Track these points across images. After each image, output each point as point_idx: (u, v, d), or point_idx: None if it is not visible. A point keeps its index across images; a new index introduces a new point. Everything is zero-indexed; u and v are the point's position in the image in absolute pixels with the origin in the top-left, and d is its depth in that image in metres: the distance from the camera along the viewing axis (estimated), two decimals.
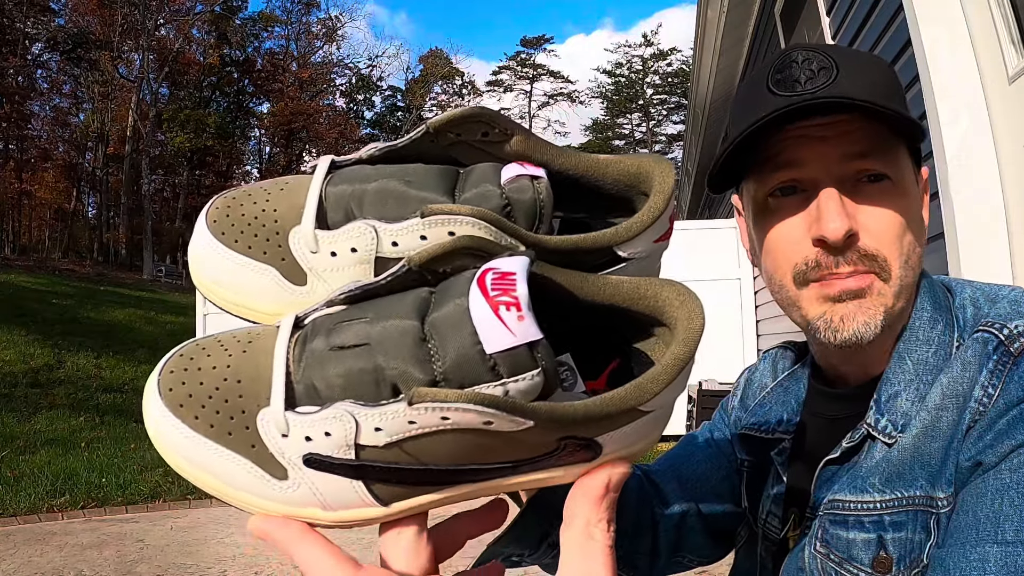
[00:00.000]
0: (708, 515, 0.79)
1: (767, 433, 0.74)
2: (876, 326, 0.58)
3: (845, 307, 0.59)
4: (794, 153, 0.59)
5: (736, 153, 0.61)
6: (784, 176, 0.61)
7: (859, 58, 0.61)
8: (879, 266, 0.58)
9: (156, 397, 0.33)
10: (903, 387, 0.59)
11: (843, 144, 0.58)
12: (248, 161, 44.37)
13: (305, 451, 0.31)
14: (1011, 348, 0.53)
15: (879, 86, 0.58)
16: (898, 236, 0.59)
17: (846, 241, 0.57)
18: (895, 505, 0.56)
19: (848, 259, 0.58)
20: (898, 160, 0.60)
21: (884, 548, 0.56)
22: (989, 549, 0.47)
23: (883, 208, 0.58)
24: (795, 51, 0.60)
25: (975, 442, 0.52)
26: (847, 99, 0.55)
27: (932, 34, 2.02)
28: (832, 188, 0.58)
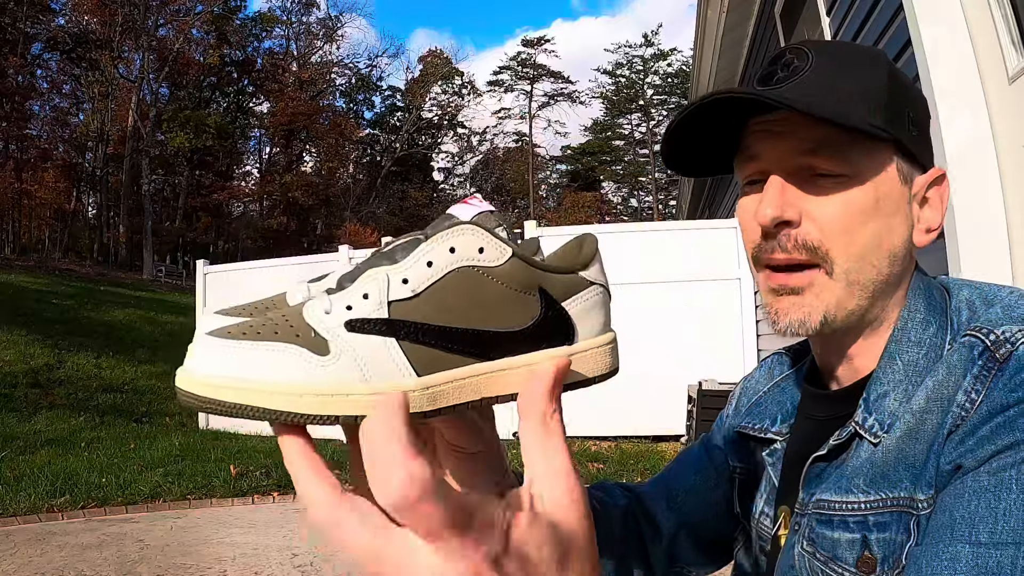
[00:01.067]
0: (700, 528, 0.80)
1: (761, 432, 0.75)
2: (814, 324, 0.60)
3: (781, 302, 0.61)
4: (756, 147, 0.63)
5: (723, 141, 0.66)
6: (750, 168, 0.64)
7: (847, 58, 0.62)
8: (820, 257, 0.60)
9: (203, 336, 0.37)
10: (891, 387, 0.60)
11: (793, 140, 0.60)
12: (248, 161, 44.40)
13: (346, 318, 0.37)
14: (996, 354, 0.53)
15: (854, 89, 0.59)
16: (846, 230, 0.59)
17: (777, 227, 0.60)
18: (879, 506, 0.57)
19: (783, 245, 0.60)
20: (856, 155, 0.60)
21: (868, 548, 0.57)
22: (961, 549, 0.47)
23: (832, 200, 0.60)
24: (789, 47, 0.63)
25: (956, 446, 0.52)
26: (772, 100, 0.57)
27: (932, 34, 2.02)
28: (776, 177, 0.61)
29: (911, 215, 0.63)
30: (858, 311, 0.61)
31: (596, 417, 6.71)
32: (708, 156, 0.68)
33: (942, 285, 0.65)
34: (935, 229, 0.64)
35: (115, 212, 36.41)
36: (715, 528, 0.80)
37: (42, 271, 21.66)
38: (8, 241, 30.86)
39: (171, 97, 38.35)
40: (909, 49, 2.17)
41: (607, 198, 50.43)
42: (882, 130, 0.58)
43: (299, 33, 44.54)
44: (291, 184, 39.58)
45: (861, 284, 0.60)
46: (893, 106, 0.60)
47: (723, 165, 0.69)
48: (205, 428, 8.07)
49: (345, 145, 43.98)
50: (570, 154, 50.68)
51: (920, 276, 0.65)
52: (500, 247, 0.38)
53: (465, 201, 0.43)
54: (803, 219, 0.60)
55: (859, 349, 0.64)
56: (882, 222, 0.60)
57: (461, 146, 51.51)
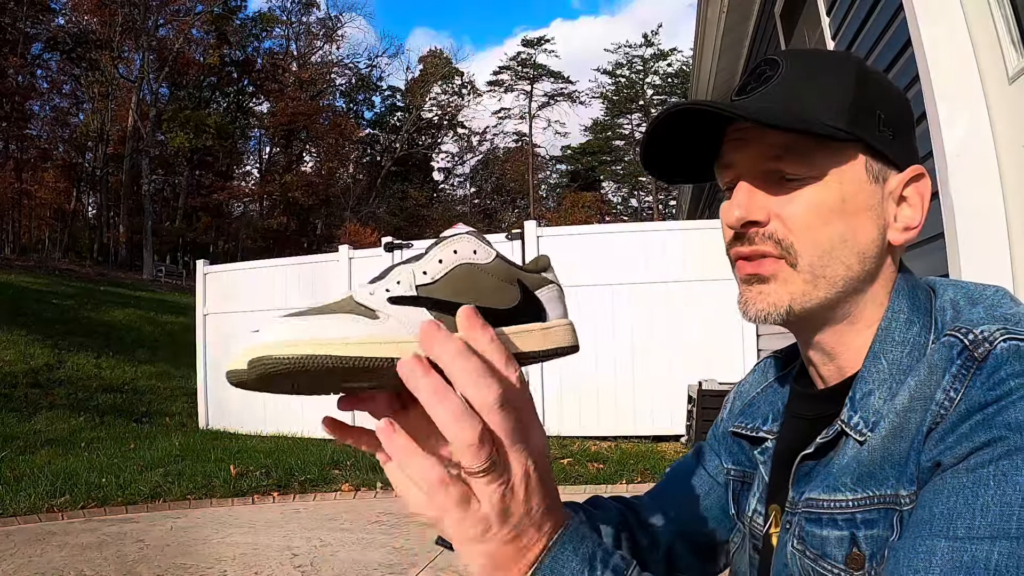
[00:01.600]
0: (696, 535, 0.82)
1: (752, 431, 0.77)
2: (779, 313, 0.63)
3: (750, 291, 0.65)
4: (729, 155, 0.66)
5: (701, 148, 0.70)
6: (727, 175, 0.67)
7: (817, 66, 0.65)
8: (784, 249, 0.62)
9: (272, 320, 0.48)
10: (876, 386, 0.61)
11: (761, 146, 0.63)
12: (248, 161, 44.40)
13: (387, 295, 0.50)
14: (975, 353, 0.54)
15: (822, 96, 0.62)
16: (811, 227, 0.62)
17: (744, 227, 0.64)
18: (867, 503, 0.58)
19: (752, 240, 0.64)
20: (821, 158, 0.62)
21: (857, 545, 0.58)
22: (938, 543, 0.48)
23: (798, 200, 0.62)
24: (770, 56, 0.66)
25: (936, 444, 0.53)
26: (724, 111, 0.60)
27: (932, 34, 2.02)
28: (743, 182, 0.64)
29: (884, 214, 0.64)
30: (827, 304, 0.63)
31: (596, 417, 6.71)
32: (690, 163, 0.71)
33: (928, 285, 0.67)
34: (914, 227, 0.65)
35: (115, 212, 36.40)
36: (711, 533, 0.82)
37: (42, 271, 21.66)
38: (8, 241, 30.85)
39: (171, 97, 38.36)
40: (909, 49, 2.17)
41: (607, 198, 50.43)
42: (844, 132, 0.61)
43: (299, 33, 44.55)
44: (291, 184, 39.58)
45: (828, 278, 0.62)
46: (859, 108, 0.62)
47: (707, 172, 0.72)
48: (205, 428, 8.08)
49: (345, 145, 43.99)
50: (570, 154, 50.68)
51: (905, 276, 0.66)
52: (488, 250, 0.53)
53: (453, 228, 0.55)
54: (771, 219, 0.63)
55: (841, 347, 0.66)
56: (849, 220, 0.62)
57: (461, 146, 51.54)
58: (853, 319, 0.65)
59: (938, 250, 2.05)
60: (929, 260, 2.17)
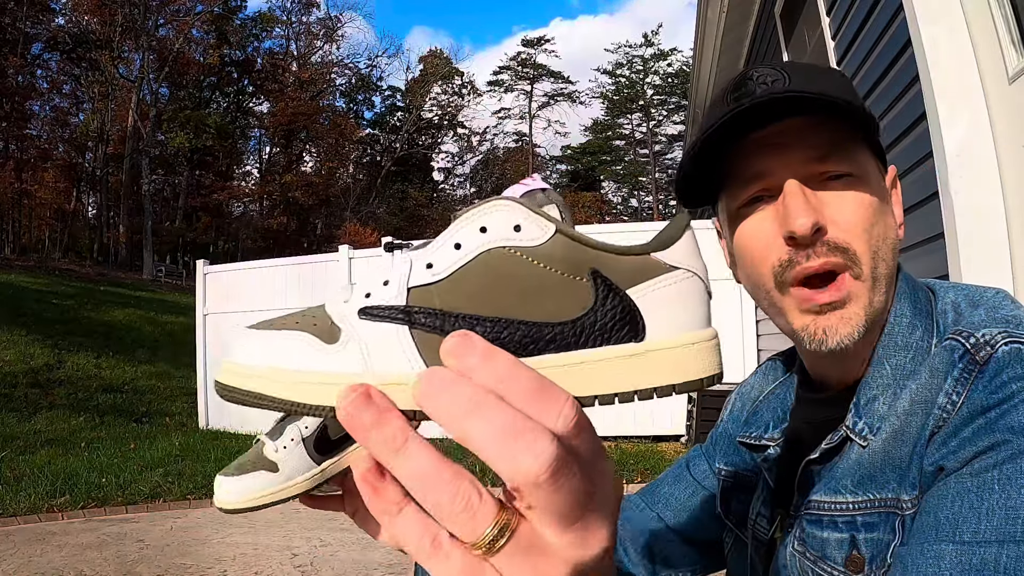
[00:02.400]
0: (681, 530, 0.83)
1: (756, 439, 0.76)
2: (859, 332, 0.60)
3: (827, 319, 0.60)
4: (759, 165, 0.61)
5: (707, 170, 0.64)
6: (753, 189, 0.63)
7: (813, 69, 0.63)
8: (850, 259, 0.60)
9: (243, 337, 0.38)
10: (880, 391, 0.60)
11: (803, 148, 0.60)
12: (248, 161, 44.39)
13: (361, 306, 0.35)
14: (977, 356, 0.53)
15: (831, 90, 0.59)
16: (866, 228, 0.60)
17: (814, 235, 0.59)
18: (867, 506, 0.58)
19: (818, 251, 0.60)
20: (859, 157, 0.61)
21: (857, 548, 0.57)
22: (945, 548, 0.48)
23: (849, 201, 0.60)
24: (751, 70, 0.63)
25: (938, 448, 0.53)
26: (796, 92, 0.56)
27: (932, 34, 2.01)
28: (794, 182, 0.60)
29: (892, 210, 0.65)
30: (882, 308, 0.62)
31: (596, 417, 6.69)
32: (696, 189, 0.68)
33: (928, 287, 0.66)
34: (901, 224, 0.66)
35: (115, 212, 36.39)
36: (697, 529, 0.82)
37: (42, 271, 21.65)
38: (8, 241, 30.85)
39: (171, 97, 38.34)
40: (909, 49, 2.17)
41: (607, 198, 50.40)
42: (876, 126, 0.61)
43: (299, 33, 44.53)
44: (291, 184, 39.56)
45: (880, 280, 0.61)
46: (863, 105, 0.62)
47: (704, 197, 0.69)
48: (205, 428, 8.07)
49: (345, 145, 43.96)
50: (570, 154, 50.66)
51: (906, 279, 0.66)
52: (542, 223, 0.33)
53: (521, 182, 0.38)
54: (827, 224, 0.60)
55: (856, 354, 0.64)
56: (884, 219, 0.62)
57: (461, 146, 51.52)
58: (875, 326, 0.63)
59: (938, 250, 2.04)
60: (929, 260, 2.17)
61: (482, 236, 0.33)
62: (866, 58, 2.67)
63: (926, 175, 2.13)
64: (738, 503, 0.77)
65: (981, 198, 1.91)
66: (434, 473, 0.29)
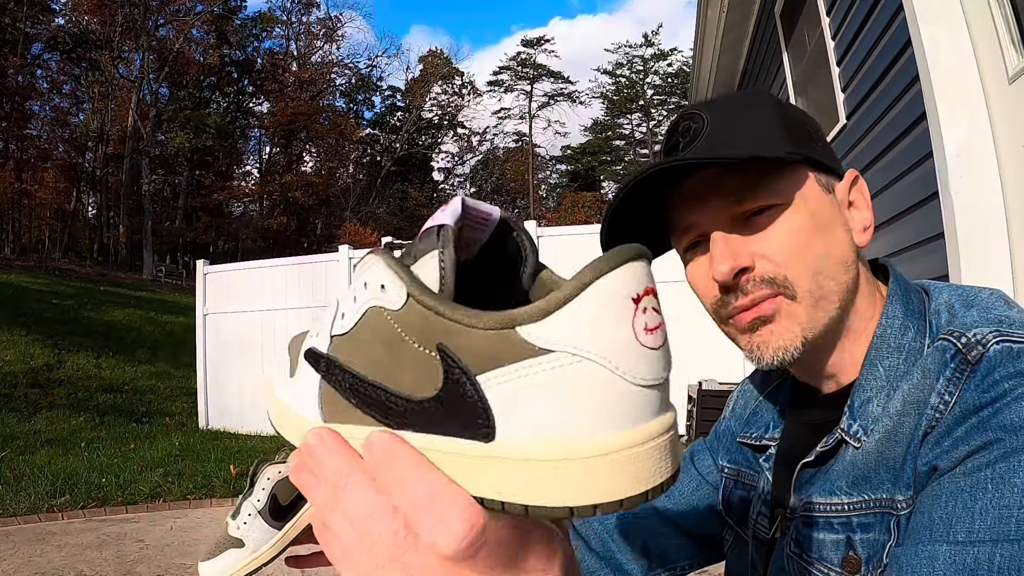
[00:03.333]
0: (681, 524, 0.83)
1: (756, 440, 0.77)
2: (796, 347, 0.61)
3: (760, 335, 0.63)
4: (686, 217, 0.65)
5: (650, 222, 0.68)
6: (689, 238, 0.66)
7: (738, 104, 0.66)
8: (780, 286, 0.61)
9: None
10: (874, 393, 0.61)
11: (720, 195, 0.63)
12: (248, 161, 44.38)
13: (307, 346, 0.35)
14: (968, 356, 0.54)
15: (753, 127, 0.62)
16: (797, 252, 0.61)
17: (736, 278, 0.62)
18: (862, 507, 0.58)
19: (745, 290, 0.62)
20: (783, 184, 0.62)
21: (853, 549, 0.58)
22: (939, 548, 0.48)
23: (774, 232, 0.62)
24: (680, 116, 0.66)
25: (932, 448, 0.53)
26: (690, 160, 0.59)
27: (932, 34, 2.02)
28: (718, 233, 0.63)
29: (846, 221, 0.65)
30: (831, 323, 0.63)
31: None
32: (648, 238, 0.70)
33: (922, 288, 0.67)
34: (870, 225, 0.66)
35: (115, 212, 36.38)
36: (698, 524, 0.83)
37: (42, 271, 21.65)
38: (8, 241, 30.84)
39: (171, 97, 38.32)
40: (909, 49, 2.17)
41: (607, 198, 50.37)
42: (793, 152, 0.61)
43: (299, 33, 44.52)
44: (291, 184, 39.56)
45: (826, 298, 0.62)
46: (791, 129, 0.63)
47: (661, 247, 0.71)
48: (205, 428, 8.07)
49: (345, 145, 43.95)
50: (570, 154, 50.65)
51: (898, 280, 0.66)
52: (398, 284, 0.28)
53: (441, 209, 0.31)
54: (755, 261, 0.62)
55: (838, 360, 0.65)
56: (824, 236, 0.62)
57: (461, 146, 51.51)
58: (851, 331, 0.64)
59: (938, 250, 2.05)
60: (929, 260, 2.17)
61: (365, 292, 0.30)
62: (866, 58, 2.67)
63: (926, 175, 2.13)
64: (739, 501, 0.78)
65: (981, 198, 1.91)
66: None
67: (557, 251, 6.64)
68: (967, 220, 1.91)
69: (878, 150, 2.60)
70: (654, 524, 0.83)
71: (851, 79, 2.89)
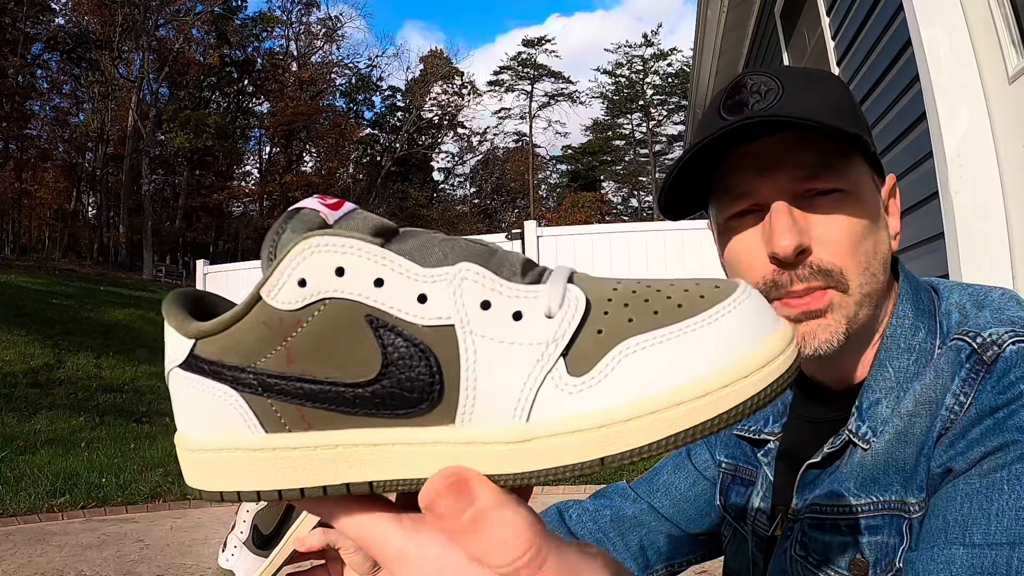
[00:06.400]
0: (679, 520, 0.82)
1: (755, 434, 0.75)
2: (838, 341, 0.59)
3: (806, 327, 0.60)
4: (748, 183, 0.61)
5: (696, 180, 0.64)
6: (742, 204, 0.63)
7: (809, 77, 0.62)
8: (835, 280, 0.59)
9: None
10: (883, 394, 0.60)
11: (791, 166, 0.59)
12: (248, 161, 44.38)
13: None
14: (984, 356, 0.53)
15: (827, 104, 0.59)
16: (854, 246, 0.59)
17: (798, 256, 0.59)
18: (871, 509, 0.57)
19: (801, 275, 0.59)
20: (850, 172, 0.60)
21: (860, 552, 0.57)
22: (956, 551, 0.47)
23: (837, 220, 0.59)
24: (747, 75, 0.62)
25: (946, 449, 0.52)
26: (783, 117, 0.56)
27: (932, 34, 2.01)
28: (782, 204, 0.59)
29: (887, 222, 0.64)
30: (869, 320, 0.61)
31: None
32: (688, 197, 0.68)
33: (931, 286, 0.66)
34: (898, 233, 0.66)
35: (115, 212, 36.38)
36: (697, 522, 0.82)
37: (42, 271, 21.64)
38: (8, 241, 30.84)
39: (171, 97, 38.32)
40: (909, 49, 2.17)
41: (607, 198, 50.39)
42: (867, 140, 0.59)
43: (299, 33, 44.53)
44: (291, 184, 39.54)
45: (870, 294, 0.60)
46: (858, 117, 0.61)
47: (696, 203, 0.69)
48: None
49: (345, 145, 43.95)
50: (570, 154, 50.65)
51: (908, 279, 0.65)
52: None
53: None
54: (813, 244, 0.59)
55: (851, 359, 0.64)
56: (876, 233, 0.61)
57: (461, 146, 51.51)
58: (865, 333, 0.63)
59: (938, 250, 2.05)
60: (929, 260, 2.17)
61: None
62: (866, 58, 2.67)
63: (926, 175, 2.13)
64: (737, 496, 0.77)
65: (981, 198, 1.91)
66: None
67: (557, 251, 6.64)
68: (967, 220, 1.91)
69: (878, 150, 2.60)
70: (651, 521, 0.82)
71: (851, 79, 2.89)
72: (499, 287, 0.28)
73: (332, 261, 0.28)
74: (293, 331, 0.29)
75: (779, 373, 0.27)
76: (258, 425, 0.30)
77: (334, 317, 0.28)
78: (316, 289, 0.28)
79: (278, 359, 0.29)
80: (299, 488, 0.30)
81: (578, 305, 0.28)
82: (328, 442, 0.29)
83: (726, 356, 0.27)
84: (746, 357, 0.27)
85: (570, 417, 0.27)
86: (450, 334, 0.28)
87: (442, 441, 0.29)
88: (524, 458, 0.28)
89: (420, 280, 0.28)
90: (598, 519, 0.82)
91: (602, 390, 0.27)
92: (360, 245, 0.29)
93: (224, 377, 0.30)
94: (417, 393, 0.28)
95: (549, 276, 0.29)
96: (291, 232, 0.30)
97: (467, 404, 0.28)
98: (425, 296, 0.28)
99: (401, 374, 0.28)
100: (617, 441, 0.27)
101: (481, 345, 0.28)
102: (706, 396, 0.26)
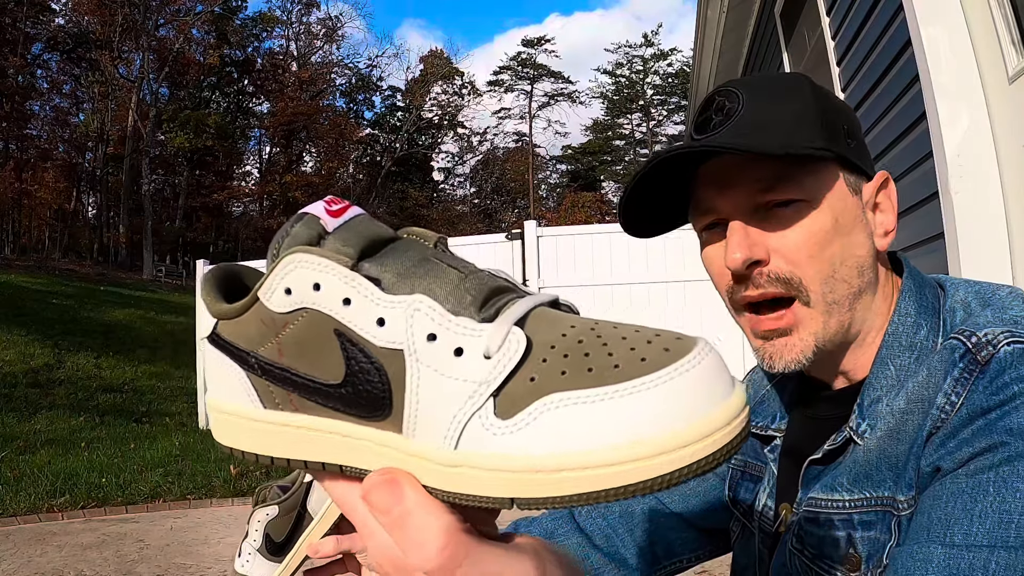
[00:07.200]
0: (688, 516, 0.82)
1: (763, 430, 0.76)
2: (806, 359, 0.61)
3: (773, 346, 0.62)
4: (708, 199, 0.64)
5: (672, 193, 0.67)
6: (707, 219, 0.66)
7: (776, 89, 0.64)
8: (794, 288, 0.61)
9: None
10: (884, 392, 0.60)
11: (747, 182, 0.61)
12: (248, 161, 44.39)
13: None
14: (978, 356, 0.53)
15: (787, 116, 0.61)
16: (813, 254, 0.60)
17: (748, 269, 0.61)
18: (863, 505, 0.57)
19: (756, 283, 0.61)
20: (810, 181, 0.61)
21: (853, 546, 0.57)
22: (935, 550, 0.47)
23: (794, 230, 0.61)
24: (716, 91, 0.65)
25: (936, 448, 0.52)
26: (718, 148, 0.58)
27: (932, 34, 2.02)
28: (737, 221, 0.62)
29: (868, 223, 0.64)
30: (843, 327, 0.62)
31: None
32: (662, 214, 0.70)
33: (938, 283, 0.65)
34: (892, 230, 0.65)
35: (115, 212, 36.38)
36: (706, 518, 0.82)
37: (42, 271, 21.65)
38: (8, 241, 30.84)
39: (171, 97, 38.31)
40: (909, 49, 2.17)
41: (607, 198, 50.38)
42: (825, 150, 0.60)
43: (299, 33, 44.52)
44: (291, 184, 39.54)
45: (838, 302, 0.61)
46: (827, 124, 0.61)
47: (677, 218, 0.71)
48: (205, 428, 8.07)
49: (345, 145, 43.93)
50: (570, 154, 50.65)
51: (912, 276, 0.65)
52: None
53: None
54: (771, 255, 0.61)
55: (851, 357, 0.64)
56: (844, 239, 0.61)
57: (461, 146, 51.49)
58: (862, 332, 0.63)
59: (938, 250, 2.05)
60: (929, 260, 2.17)
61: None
62: (866, 58, 2.67)
63: (926, 175, 2.13)
64: (746, 492, 0.77)
65: (981, 198, 1.91)
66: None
67: (557, 251, 6.64)
68: (967, 220, 1.91)
69: (878, 150, 2.60)
70: (660, 517, 0.82)
71: (851, 79, 2.88)
72: (447, 323, 0.30)
73: (311, 277, 0.32)
74: (282, 330, 0.33)
75: (704, 454, 0.26)
76: (258, 400, 0.35)
77: (312, 325, 0.32)
78: (299, 299, 0.32)
79: (272, 351, 0.33)
80: (286, 458, 0.35)
81: (517, 349, 0.29)
82: (311, 425, 0.34)
83: (647, 427, 0.26)
84: (671, 431, 0.26)
85: (490, 455, 0.29)
86: (400, 358, 0.31)
87: (392, 447, 0.32)
88: (452, 480, 0.30)
89: (380, 305, 0.31)
90: (607, 514, 0.82)
91: (522, 437, 0.28)
92: (333, 266, 0.32)
93: (236, 356, 0.35)
94: (373, 402, 0.32)
95: (502, 314, 0.30)
96: (292, 238, 0.33)
97: (411, 421, 0.31)
98: (383, 320, 0.31)
99: (360, 385, 0.32)
100: (528, 488, 0.28)
101: (424, 373, 0.30)
102: (613, 467, 0.26)
